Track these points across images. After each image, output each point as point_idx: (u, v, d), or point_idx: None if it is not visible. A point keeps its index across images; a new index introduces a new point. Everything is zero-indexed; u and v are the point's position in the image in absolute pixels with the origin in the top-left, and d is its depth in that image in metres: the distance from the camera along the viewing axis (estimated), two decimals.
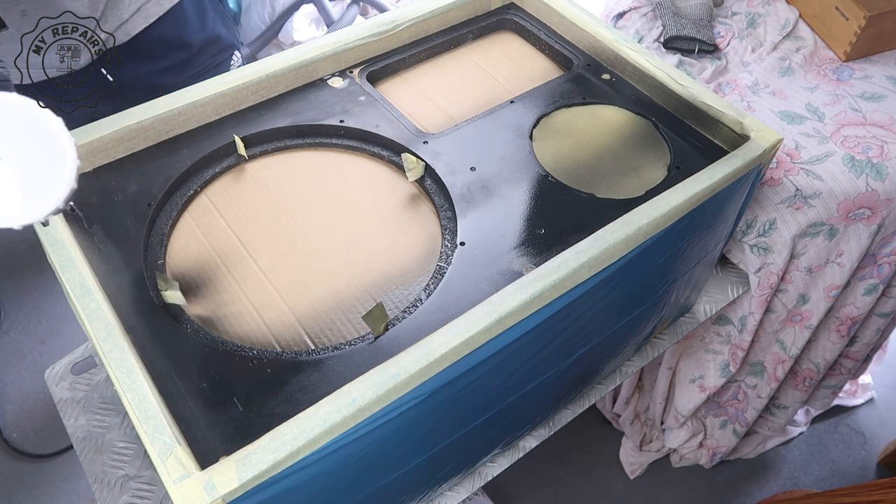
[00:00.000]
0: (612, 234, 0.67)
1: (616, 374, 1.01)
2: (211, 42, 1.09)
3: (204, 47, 1.08)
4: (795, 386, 1.33)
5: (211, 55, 1.10)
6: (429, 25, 0.95)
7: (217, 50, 1.11)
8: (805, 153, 0.99)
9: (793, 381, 1.33)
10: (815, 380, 1.30)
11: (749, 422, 1.37)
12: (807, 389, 1.33)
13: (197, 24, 1.05)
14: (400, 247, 0.72)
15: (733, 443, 1.44)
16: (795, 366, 1.29)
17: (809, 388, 1.33)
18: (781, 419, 1.43)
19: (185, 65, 1.06)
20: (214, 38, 1.09)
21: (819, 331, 1.20)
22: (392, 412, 0.57)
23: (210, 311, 0.67)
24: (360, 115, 0.83)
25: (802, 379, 1.31)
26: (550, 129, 0.84)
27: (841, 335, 1.19)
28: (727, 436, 1.42)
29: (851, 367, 1.33)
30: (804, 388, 1.33)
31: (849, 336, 1.20)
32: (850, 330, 1.18)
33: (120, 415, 0.89)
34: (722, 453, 1.47)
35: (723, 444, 1.44)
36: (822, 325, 1.19)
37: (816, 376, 1.28)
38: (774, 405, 1.41)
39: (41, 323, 1.76)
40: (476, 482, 0.89)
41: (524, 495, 1.51)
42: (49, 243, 0.65)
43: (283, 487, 0.53)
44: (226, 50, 1.13)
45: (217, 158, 0.79)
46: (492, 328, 0.60)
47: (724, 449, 1.45)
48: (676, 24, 1.16)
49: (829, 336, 1.20)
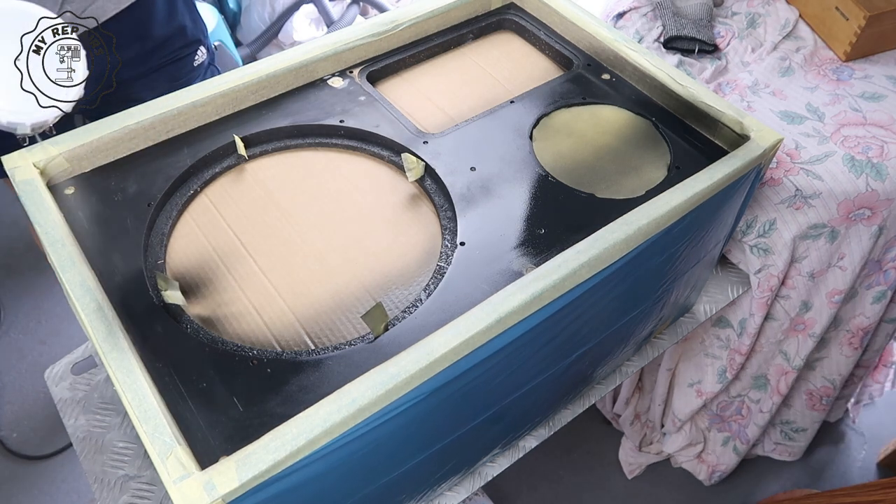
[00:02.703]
0: (612, 234, 0.67)
1: (616, 374, 1.01)
2: (175, 34, 1.05)
3: (168, 39, 1.04)
4: (812, 406, 1.30)
5: (175, 48, 1.07)
6: (429, 25, 0.95)
7: (182, 43, 1.07)
8: (805, 153, 0.99)
9: (808, 402, 1.30)
10: (832, 397, 1.26)
11: (750, 439, 1.35)
12: (824, 409, 1.30)
13: (165, 14, 1.02)
14: (400, 247, 0.72)
15: (734, 461, 1.41)
16: (809, 385, 1.26)
17: (827, 407, 1.30)
18: (801, 442, 1.39)
19: (148, 56, 1.03)
20: (179, 31, 1.06)
21: (830, 345, 1.19)
22: (392, 412, 0.57)
23: (210, 311, 0.67)
24: (360, 115, 0.83)
25: (819, 398, 1.28)
26: (550, 129, 0.84)
27: (854, 347, 1.18)
28: (728, 453, 1.40)
29: (863, 376, 1.31)
30: (821, 408, 1.30)
31: (861, 347, 1.18)
32: (862, 341, 1.16)
33: (120, 415, 0.89)
34: (721, 472, 1.44)
35: (723, 461, 1.43)
36: (833, 339, 1.18)
37: (833, 393, 1.25)
38: (792, 430, 1.37)
39: (41, 323, 1.76)
40: (476, 482, 0.89)
41: (524, 495, 1.51)
42: (49, 243, 0.65)
43: (283, 487, 0.53)
44: (191, 44, 1.09)
45: (217, 158, 0.79)
46: (492, 328, 0.60)
47: (724, 468, 1.43)
48: (676, 24, 1.16)
49: (842, 350, 1.19)
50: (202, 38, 1.13)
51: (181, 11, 1.05)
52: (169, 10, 1.03)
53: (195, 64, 1.12)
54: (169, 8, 1.03)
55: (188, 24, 1.07)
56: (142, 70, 1.03)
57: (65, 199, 0.73)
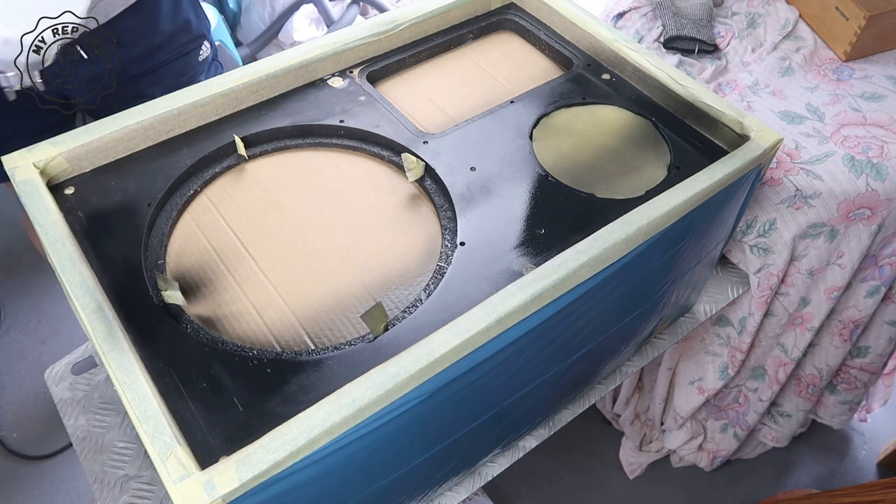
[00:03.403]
0: (612, 234, 0.67)
1: (616, 374, 1.01)
2: (181, 29, 1.06)
3: (174, 34, 1.05)
4: (799, 393, 1.32)
5: (181, 43, 1.07)
6: (429, 25, 0.95)
7: (187, 38, 1.08)
8: (805, 153, 0.99)
9: (797, 388, 1.31)
10: (819, 386, 1.28)
11: (750, 425, 1.36)
12: (810, 397, 1.31)
13: (170, 9, 1.03)
14: (400, 247, 0.72)
15: (734, 446, 1.43)
16: (798, 371, 1.28)
17: (813, 396, 1.31)
18: (786, 429, 1.40)
19: (154, 51, 1.03)
20: (184, 25, 1.07)
21: (822, 335, 1.20)
22: (392, 412, 0.57)
23: (210, 311, 0.67)
24: (360, 115, 0.83)
25: (806, 385, 1.29)
26: (550, 129, 0.84)
27: (843, 339, 1.18)
28: (728, 439, 1.41)
29: (867, 381, 1.31)
30: (808, 396, 1.31)
31: (851, 340, 1.19)
32: (852, 334, 1.17)
33: (120, 415, 0.89)
34: (722, 457, 1.46)
35: (723, 447, 1.44)
36: (825, 329, 1.18)
37: (820, 383, 1.27)
38: (778, 413, 1.39)
39: (41, 323, 1.76)
40: (476, 482, 0.89)
41: (524, 495, 1.51)
42: (49, 243, 0.65)
43: (283, 487, 0.53)
44: (195, 39, 1.10)
45: (217, 158, 0.79)
46: (492, 328, 0.60)
47: (725, 452, 1.45)
48: (676, 24, 1.16)
49: (833, 340, 1.19)
50: (206, 32, 1.14)
51: (185, 6, 1.06)
52: (174, 5, 1.04)
53: (200, 59, 1.13)
54: (174, 3, 1.03)
55: (192, 19, 1.09)
56: (149, 66, 1.04)
57: (65, 199, 0.73)
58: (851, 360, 1.28)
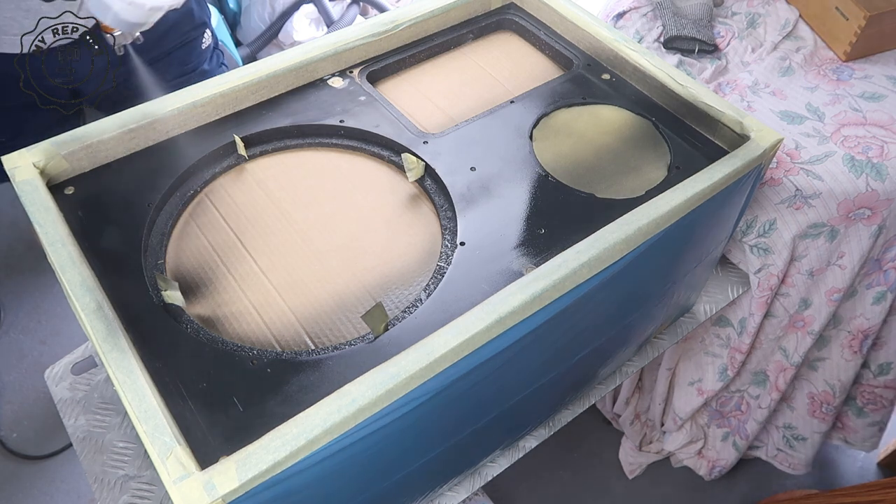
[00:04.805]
0: (612, 234, 0.67)
1: (616, 375, 1.01)
2: (184, 17, 1.07)
3: (177, 22, 1.06)
4: (812, 412, 1.28)
5: (184, 31, 1.09)
6: (429, 25, 0.95)
7: (190, 26, 1.09)
8: (805, 153, 0.99)
9: (810, 407, 1.28)
10: (833, 405, 1.24)
11: (750, 435, 1.34)
12: (825, 417, 1.27)
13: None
14: (400, 247, 0.72)
15: (733, 457, 1.40)
16: (812, 388, 1.25)
17: (828, 416, 1.27)
18: (802, 454, 1.34)
19: (159, 40, 1.04)
20: (187, 13, 1.08)
21: (831, 346, 1.18)
22: (392, 412, 0.57)
23: (210, 311, 0.67)
24: (360, 115, 0.83)
25: (819, 404, 1.26)
26: (550, 129, 0.84)
27: (853, 351, 1.17)
28: (728, 448, 1.40)
29: (894, 398, 1.27)
30: (822, 416, 1.27)
31: (862, 353, 1.16)
32: (862, 345, 1.15)
33: (120, 415, 0.89)
34: (721, 467, 1.44)
35: (723, 457, 1.42)
36: (834, 340, 1.17)
37: (833, 400, 1.23)
38: (793, 437, 1.34)
39: (41, 323, 1.76)
40: (476, 482, 0.89)
41: (524, 495, 1.51)
42: (49, 243, 0.65)
43: (283, 488, 0.53)
44: (198, 27, 1.12)
45: (217, 158, 0.79)
46: (492, 328, 0.60)
47: (724, 463, 1.42)
48: (676, 24, 1.16)
49: (843, 353, 1.18)
50: (207, 20, 1.15)
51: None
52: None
53: (203, 47, 1.15)
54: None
55: (194, 7, 1.10)
56: (154, 55, 1.05)
57: (65, 199, 0.73)
58: (874, 379, 1.24)
